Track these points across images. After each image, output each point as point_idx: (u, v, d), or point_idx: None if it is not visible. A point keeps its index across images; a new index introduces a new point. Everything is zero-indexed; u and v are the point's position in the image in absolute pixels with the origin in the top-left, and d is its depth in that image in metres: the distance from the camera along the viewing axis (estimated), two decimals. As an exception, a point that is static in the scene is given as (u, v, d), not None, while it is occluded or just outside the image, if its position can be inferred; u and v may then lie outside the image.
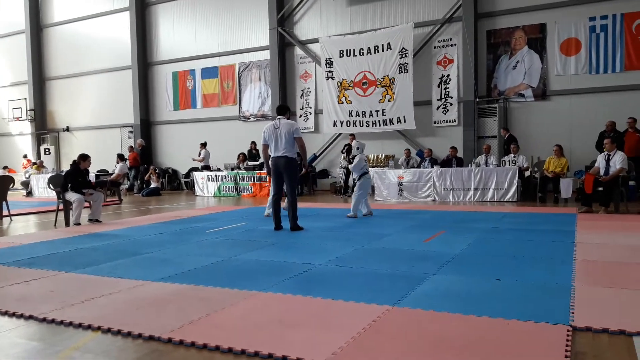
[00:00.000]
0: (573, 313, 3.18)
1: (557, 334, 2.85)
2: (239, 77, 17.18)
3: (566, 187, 9.97)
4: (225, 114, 17.48)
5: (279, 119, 7.08)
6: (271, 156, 7.08)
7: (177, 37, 18.27)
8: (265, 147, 7.16)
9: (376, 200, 11.88)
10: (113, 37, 19.36)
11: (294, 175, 7.09)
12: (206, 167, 15.74)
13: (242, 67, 17.10)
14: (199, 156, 16.05)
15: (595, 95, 12.30)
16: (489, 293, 3.73)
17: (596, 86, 12.28)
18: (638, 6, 11.79)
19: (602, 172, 8.51)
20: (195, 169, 16.06)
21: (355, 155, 8.59)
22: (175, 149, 18.06)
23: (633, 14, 11.84)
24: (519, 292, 3.72)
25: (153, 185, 15.60)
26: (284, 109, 7.31)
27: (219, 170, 15.03)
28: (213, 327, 3.13)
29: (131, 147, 17.70)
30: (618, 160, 8.39)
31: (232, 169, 14.69)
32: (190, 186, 15.89)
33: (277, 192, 7.24)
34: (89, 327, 3.20)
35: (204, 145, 16.18)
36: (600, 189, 8.37)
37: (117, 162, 15.15)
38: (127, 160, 16.47)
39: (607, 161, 8.52)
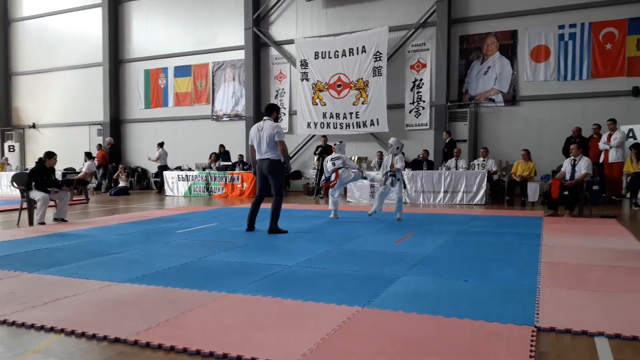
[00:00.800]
0: (538, 314, 3.24)
1: (522, 334, 2.90)
2: (213, 77, 17.03)
3: (533, 191, 10.20)
4: (197, 113, 17.30)
5: (264, 120, 6.96)
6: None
7: (150, 34, 18.00)
8: (252, 148, 7.06)
9: (348, 202, 11.93)
10: (84, 33, 18.95)
11: (278, 177, 6.94)
12: (163, 167, 15.55)
13: (216, 66, 16.96)
14: (155, 156, 15.81)
15: (562, 102, 12.63)
16: (457, 294, 3.78)
17: (564, 93, 12.62)
18: (605, 16, 12.17)
19: (567, 177, 8.74)
20: (166, 168, 15.83)
21: (396, 155, 8.22)
22: (146, 148, 17.71)
23: (600, 23, 12.21)
24: (486, 294, 3.78)
25: (122, 184, 15.31)
26: (270, 109, 7.08)
27: (189, 170, 14.85)
28: (181, 329, 3.08)
29: (100, 145, 17.34)
30: (583, 166, 8.62)
31: (204, 169, 14.54)
32: (160, 186, 15.65)
33: (259, 193, 7.16)
34: (52, 329, 3.11)
35: (161, 145, 15.96)
36: (566, 193, 8.59)
37: (85, 161, 14.82)
38: (95, 159, 16.14)
39: (573, 166, 8.75)
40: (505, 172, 11.90)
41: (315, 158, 13.94)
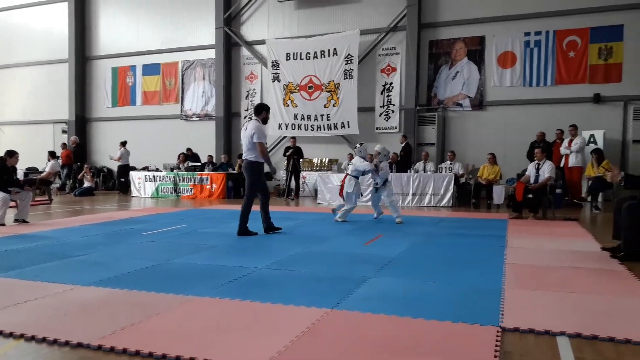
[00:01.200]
0: (502, 315, 3.32)
1: (487, 334, 2.96)
2: (182, 75, 16.81)
3: (498, 194, 10.44)
4: (166, 112, 17.04)
5: (250, 119, 6.93)
6: None
7: (118, 31, 17.64)
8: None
9: (319, 203, 11.94)
10: (49, 29, 18.44)
11: (252, 179, 6.86)
12: (125, 167, 15.32)
13: (185, 65, 16.74)
14: (117, 155, 15.52)
15: (527, 107, 12.96)
16: (425, 295, 3.83)
17: (529, 98, 12.95)
18: (569, 24, 12.55)
19: (532, 180, 8.96)
20: (132, 168, 15.52)
21: (381, 162, 8.38)
22: (112, 147, 17.31)
23: (564, 31, 12.59)
24: (453, 295, 3.84)
25: (86, 184, 14.93)
26: (259, 108, 6.97)
27: (157, 170, 14.61)
28: (147, 333, 3.02)
29: (64, 144, 16.89)
30: (547, 169, 8.86)
31: (172, 170, 14.32)
32: (122, 186, 15.34)
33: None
34: (11, 334, 3.01)
35: (123, 144, 15.67)
36: (530, 196, 8.81)
37: (49, 160, 14.41)
38: (60, 158, 15.70)
39: (537, 170, 8.98)
40: (471, 175, 12.12)
41: (285, 160, 13.91)
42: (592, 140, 11.72)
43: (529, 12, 12.83)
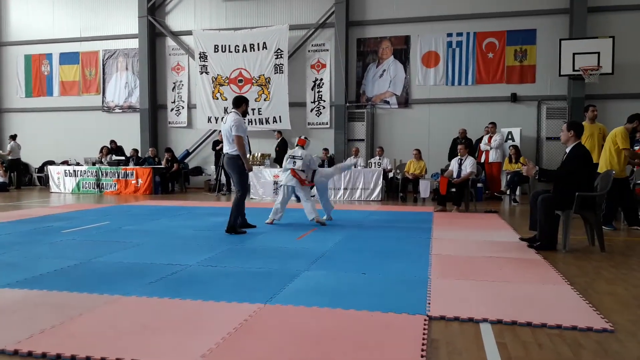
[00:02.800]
0: (429, 303, 3.45)
1: (415, 323, 3.07)
2: (104, 65, 16.00)
3: (424, 188, 10.84)
4: (86, 103, 16.16)
5: (229, 112, 6.72)
6: None
7: (31, 16, 16.47)
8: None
9: (252, 198, 11.83)
10: (-51, 10, 16.88)
11: (235, 173, 6.64)
12: (15, 161, 14.72)
13: (107, 54, 15.95)
14: (7, 149, 14.75)
15: (450, 105, 13.54)
16: (356, 287, 3.91)
17: (451, 97, 13.53)
18: (488, 27, 13.23)
19: (455, 175, 9.39)
20: (51, 162, 14.61)
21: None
22: (27, 140, 16.19)
23: (484, 33, 13.26)
24: (382, 285, 3.95)
25: (-1, 180, 13.91)
26: (238, 100, 6.72)
27: (78, 164, 13.84)
28: (68, 336, 2.86)
29: (-29, 136, 15.61)
30: (469, 165, 9.33)
31: (94, 164, 13.62)
32: (45, 181, 14.43)
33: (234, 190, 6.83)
34: None
35: (13, 137, 14.89)
36: (453, 190, 9.23)
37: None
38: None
39: (460, 165, 9.43)
40: (399, 170, 12.50)
41: (214, 154, 13.67)
42: (510, 137, 12.46)
43: (451, 13, 13.38)
